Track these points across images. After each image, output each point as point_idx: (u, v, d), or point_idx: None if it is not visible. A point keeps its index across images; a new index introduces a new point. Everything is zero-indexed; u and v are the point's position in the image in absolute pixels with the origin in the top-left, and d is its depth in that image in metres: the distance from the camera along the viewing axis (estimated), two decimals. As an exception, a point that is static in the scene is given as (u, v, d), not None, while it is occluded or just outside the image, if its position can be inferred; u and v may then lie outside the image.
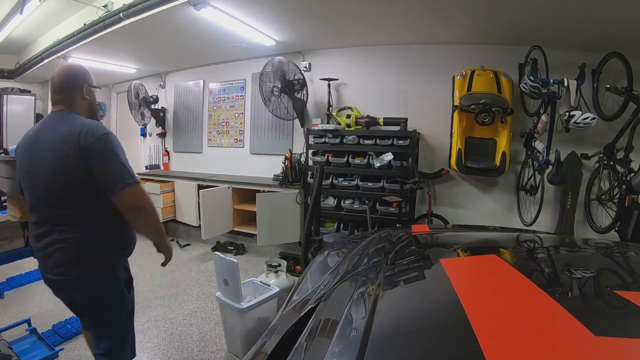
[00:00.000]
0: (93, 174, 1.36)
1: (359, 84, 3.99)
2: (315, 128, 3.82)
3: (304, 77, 3.87)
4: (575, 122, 2.59)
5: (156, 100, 5.24)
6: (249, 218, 4.24)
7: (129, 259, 1.95)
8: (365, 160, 3.54)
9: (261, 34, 3.53)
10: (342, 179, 3.67)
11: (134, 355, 1.86)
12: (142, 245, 2.95)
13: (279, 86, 3.85)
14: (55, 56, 4.16)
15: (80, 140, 1.34)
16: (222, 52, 4.35)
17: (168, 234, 4.92)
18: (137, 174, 5.18)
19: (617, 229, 2.69)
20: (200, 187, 4.27)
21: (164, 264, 1.88)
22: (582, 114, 2.57)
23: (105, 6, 3.25)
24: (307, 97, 3.93)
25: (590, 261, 1.23)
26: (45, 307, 2.89)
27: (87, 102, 1.53)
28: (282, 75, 3.83)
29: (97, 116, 1.61)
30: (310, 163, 3.83)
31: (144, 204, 1.50)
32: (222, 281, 2.34)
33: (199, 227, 4.58)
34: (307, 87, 3.89)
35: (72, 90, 1.48)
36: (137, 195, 1.45)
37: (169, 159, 5.54)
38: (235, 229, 4.32)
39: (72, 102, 1.48)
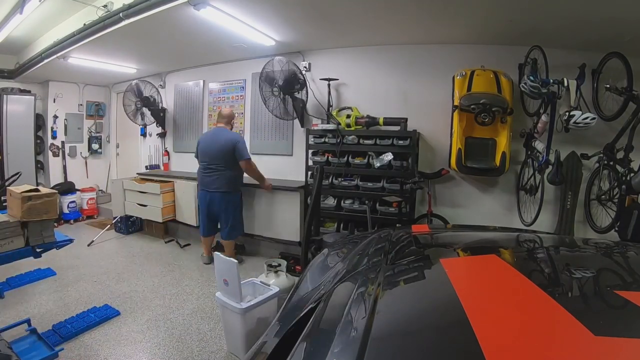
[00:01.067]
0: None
1: (359, 84, 3.99)
2: (315, 128, 3.82)
3: (304, 77, 3.87)
4: (575, 122, 2.59)
5: (156, 100, 5.24)
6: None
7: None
8: (365, 160, 3.54)
9: (261, 34, 3.52)
10: (342, 179, 3.68)
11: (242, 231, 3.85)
12: (142, 246, 2.97)
13: (279, 86, 3.84)
14: (55, 56, 4.15)
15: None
16: (222, 52, 4.35)
17: (168, 234, 4.93)
18: (137, 173, 5.20)
19: (617, 229, 2.69)
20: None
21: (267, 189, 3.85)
22: (582, 114, 2.58)
23: (105, 6, 3.25)
24: (307, 97, 3.93)
25: (590, 261, 1.23)
26: (45, 307, 2.89)
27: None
28: (282, 76, 3.83)
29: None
30: (310, 163, 3.82)
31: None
32: (222, 281, 2.34)
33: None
34: (307, 87, 3.89)
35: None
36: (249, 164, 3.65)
37: (169, 159, 5.54)
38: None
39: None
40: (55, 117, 5.90)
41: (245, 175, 3.80)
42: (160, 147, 5.60)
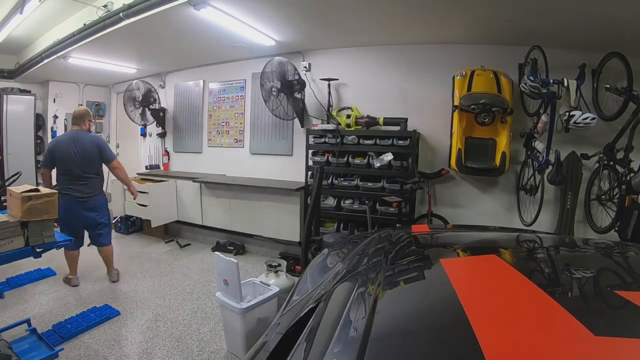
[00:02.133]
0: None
1: (359, 84, 3.99)
2: (315, 128, 3.82)
3: (302, 77, 3.87)
4: (575, 122, 2.59)
5: (156, 100, 5.24)
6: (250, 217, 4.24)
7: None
8: (365, 160, 3.54)
9: (261, 34, 3.52)
10: (342, 179, 3.67)
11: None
12: (142, 246, 2.96)
13: (279, 86, 3.84)
14: (55, 56, 4.16)
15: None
16: (222, 52, 4.35)
17: (168, 234, 4.93)
18: (137, 173, 5.20)
19: (617, 229, 2.69)
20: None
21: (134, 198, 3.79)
22: (582, 114, 2.57)
23: (105, 6, 3.25)
24: (303, 97, 3.91)
25: (590, 261, 1.23)
26: (45, 307, 2.90)
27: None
28: (281, 76, 3.83)
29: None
30: (310, 163, 3.82)
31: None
32: (222, 281, 2.34)
33: (201, 226, 4.60)
34: (306, 87, 3.88)
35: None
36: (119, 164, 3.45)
37: (168, 159, 5.54)
38: (235, 229, 4.33)
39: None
40: (55, 117, 5.90)
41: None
42: (160, 147, 5.60)
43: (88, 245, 4.45)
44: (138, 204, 4.64)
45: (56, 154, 3.14)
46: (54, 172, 3.26)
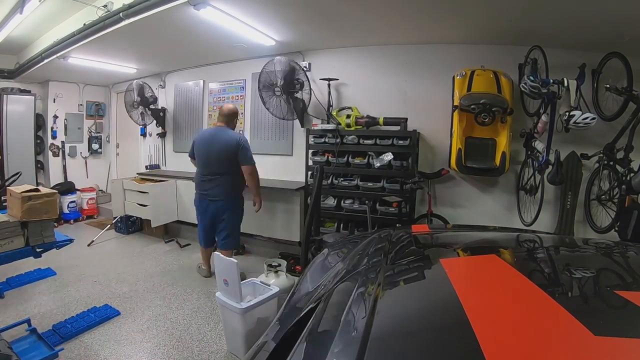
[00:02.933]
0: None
1: (359, 84, 3.99)
2: (315, 128, 3.82)
3: (306, 76, 3.87)
4: (575, 122, 2.59)
5: (156, 100, 5.24)
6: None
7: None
8: (365, 160, 3.54)
9: (261, 34, 3.52)
10: (342, 179, 3.67)
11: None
12: (142, 246, 2.96)
13: (279, 86, 3.84)
14: (55, 56, 4.15)
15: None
16: (222, 52, 4.35)
17: (168, 234, 4.93)
18: (137, 173, 5.21)
19: (617, 229, 2.69)
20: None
21: (257, 210, 3.48)
22: (582, 114, 2.57)
23: (105, 6, 3.25)
24: (310, 97, 3.92)
25: (590, 261, 1.23)
26: (45, 307, 2.89)
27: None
28: (282, 76, 3.83)
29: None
30: (310, 163, 3.82)
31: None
32: (222, 281, 2.34)
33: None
34: (308, 86, 3.88)
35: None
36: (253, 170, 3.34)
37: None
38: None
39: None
40: (55, 117, 5.90)
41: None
42: (160, 147, 5.60)
43: (88, 245, 4.48)
44: (138, 204, 4.64)
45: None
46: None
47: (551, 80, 2.65)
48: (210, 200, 3.27)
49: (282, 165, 4.47)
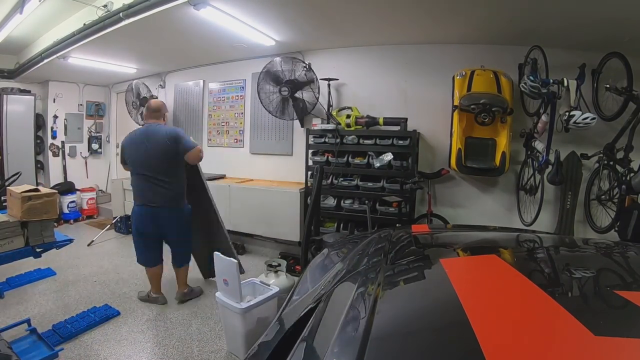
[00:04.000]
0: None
1: (359, 84, 3.99)
2: (315, 128, 3.82)
3: (304, 77, 3.87)
4: (575, 122, 2.59)
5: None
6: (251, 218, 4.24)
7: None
8: (365, 160, 3.54)
9: (261, 34, 3.52)
10: (342, 179, 3.67)
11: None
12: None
13: (282, 85, 3.84)
14: (55, 56, 4.16)
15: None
16: (222, 52, 4.35)
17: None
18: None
19: (617, 229, 2.69)
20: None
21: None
22: (582, 114, 2.58)
23: (105, 6, 3.25)
24: (318, 96, 3.89)
25: (590, 261, 1.23)
26: (45, 307, 2.89)
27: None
28: (282, 76, 3.83)
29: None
30: (310, 163, 3.82)
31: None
32: (222, 281, 2.34)
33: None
34: (307, 87, 3.87)
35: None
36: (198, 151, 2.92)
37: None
38: (235, 229, 4.32)
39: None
40: (55, 117, 5.90)
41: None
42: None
43: (88, 245, 4.47)
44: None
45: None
46: None
47: (551, 80, 2.66)
48: (152, 207, 2.77)
49: (282, 165, 4.47)
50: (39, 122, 5.77)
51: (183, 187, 2.92)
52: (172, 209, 2.85)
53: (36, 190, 2.16)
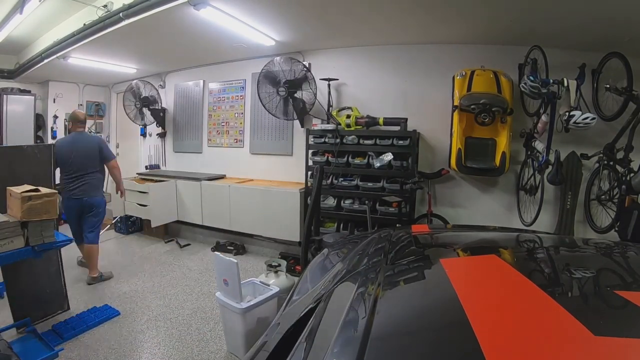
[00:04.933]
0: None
1: (359, 84, 3.99)
2: (315, 128, 3.82)
3: (304, 77, 3.87)
4: (575, 122, 2.59)
5: (156, 100, 5.25)
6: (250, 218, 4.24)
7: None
8: (365, 160, 3.54)
9: (261, 34, 3.52)
10: (342, 179, 3.67)
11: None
12: (142, 246, 2.96)
13: (279, 86, 3.84)
14: (55, 56, 4.16)
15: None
16: (222, 52, 4.35)
17: (168, 234, 4.93)
18: (137, 173, 5.20)
19: (617, 229, 2.69)
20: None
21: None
22: (582, 114, 2.57)
23: (105, 6, 3.25)
24: (315, 96, 3.90)
25: (590, 261, 1.23)
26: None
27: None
28: (282, 76, 3.83)
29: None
30: (310, 163, 3.82)
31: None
32: (222, 281, 2.34)
33: (201, 226, 4.60)
34: (314, 84, 3.87)
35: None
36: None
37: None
38: (235, 229, 4.33)
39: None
40: (55, 117, 5.90)
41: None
42: (160, 147, 5.60)
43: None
44: (138, 204, 4.64)
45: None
46: None
47: (551, 80, 2.65)
48: (76, 198, 3.41)
49: (282, 166, 4.47)
50: (39, 122, 5.77)
51: None
52: None
53: (36, 190, 2.16)
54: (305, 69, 3.84)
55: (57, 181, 3.30)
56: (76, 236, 3.44)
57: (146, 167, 5.54)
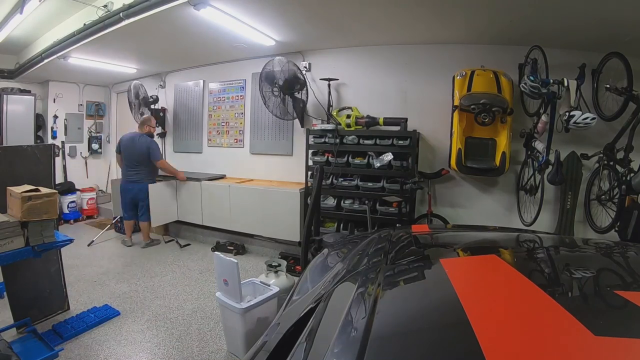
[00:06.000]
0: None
1: (359, 84, 3.99)
2: (315, 128, 3.82)
3: (304, 77, 3.87)
4: (575, 122, 2.59)
5: (156, 100, 5.24)
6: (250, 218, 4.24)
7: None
8: (365, 160, 3.54)
9: (261, 34, 3.52)
10: (342, 179, 3.67)
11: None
12: (141, 247, 2.90)
13: (279, 86, 3.85)
14: (55, 56, 4.16)
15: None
16: (222, 52, 4.35)
17: (168, 234, 4.93)
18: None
19: (617, 229, 2.69)
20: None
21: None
22: (582, 114, 2.57)
23: (105, 6, 3.25)
24: (307, 97, 3.93)
25: (590, 261, 1.23)
26: (45, 307, 2.89)
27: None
28: (282, 76, 3.83)
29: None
30: (310, 163, 3.83)
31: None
32: (222, 281, 2.34)
33: (201, 226, 4.61)
34: (307, 87, 3.88)
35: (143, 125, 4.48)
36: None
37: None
38: (235, 229, 4.33)
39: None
40: (55, 117, 5.90)
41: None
42: (160, 147, 5.60)
43: (88, 245, 4.48)
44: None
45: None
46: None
47: (551, 80, 2.65)
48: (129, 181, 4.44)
49: (282, 165, 4.47)
50: (39, 122, 5.77)
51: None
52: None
53: (36, 190, 2.16)
54: (306, 69, 3.83)
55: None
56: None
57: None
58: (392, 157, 3.32)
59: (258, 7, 2.91)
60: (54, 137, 5.91)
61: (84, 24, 3.44)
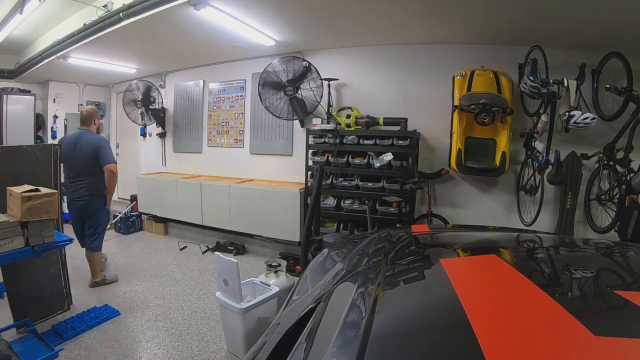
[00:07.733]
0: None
1: (359, 84, 3.99)
2: (315, 128, 3.82)
3: (304, 74, 3.86)
4: (575, 122, 2.58)
5: (156, 100, 5.25)
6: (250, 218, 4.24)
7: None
8: (365, 160, 3.54)
9: (261, 34, 3.52)
10: (342, 179, 3.67)
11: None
12: (142, 246, 2.94)
13: (280, 85, 3.84)
14: (55, 56, 4.16)
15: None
16: (222, 52, 4.35)
17: (168, 234, 4.93)
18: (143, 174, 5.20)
19: (617, 229, 2.69)
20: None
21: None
22: (582, 114, 2.57)
23: (105, 6, 3.25)
24: (321, 95, 3.89)
25: (590, 261, 1.23)
26: (45, 307, 2.89)
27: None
28: (281, 76, 3.83)
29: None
30: (310, 163, 3.82)
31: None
32: (222, 281, 2.34)
33: (201, 226, 4.61)
34: (308, 79, 3.86)
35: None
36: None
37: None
38: (235, 229, 4.33)
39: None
40: (55, 117, 5.90)
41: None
42: (160, 147, 5.60)
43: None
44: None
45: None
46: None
47: (551, 80, 2.65)
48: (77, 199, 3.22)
49: (282, 166, 4.47)
50: (39, 122, 5.77)
51: None
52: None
53: (36, 190, 2.16)
54: (305, 66, 3.82)
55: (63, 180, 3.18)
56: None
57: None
58: (392, 157, 3.32)
59: (258, 7, 2.91)
60: (54, 137, 5.90)
61: (84, 24, 3.45)
